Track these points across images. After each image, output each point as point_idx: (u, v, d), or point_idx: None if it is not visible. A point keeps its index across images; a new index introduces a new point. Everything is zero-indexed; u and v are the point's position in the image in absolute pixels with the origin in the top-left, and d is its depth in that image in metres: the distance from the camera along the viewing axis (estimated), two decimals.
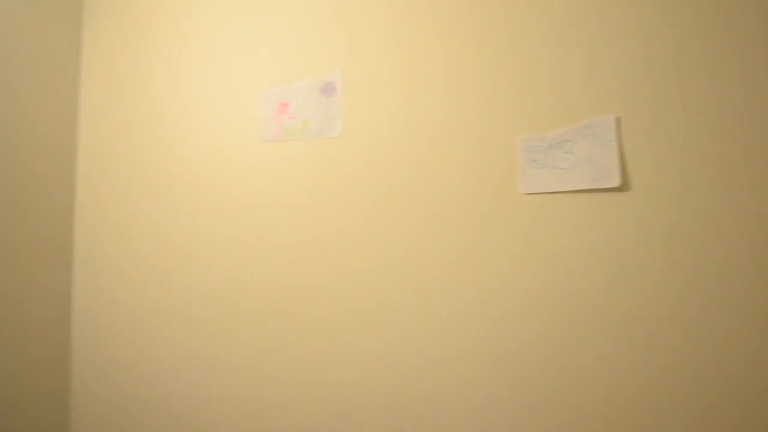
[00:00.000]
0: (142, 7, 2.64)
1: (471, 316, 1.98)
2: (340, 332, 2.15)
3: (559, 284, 1.88)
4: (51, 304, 2.50)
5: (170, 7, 2.58)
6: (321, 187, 2.24)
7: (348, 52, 2.25)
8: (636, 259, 1.80)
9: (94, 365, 2.56)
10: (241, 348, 2.31)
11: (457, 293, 2.00)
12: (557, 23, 1.94)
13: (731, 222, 1.70)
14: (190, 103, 2.49)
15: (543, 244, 1.91)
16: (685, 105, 1.77)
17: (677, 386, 1.74)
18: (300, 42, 2.33)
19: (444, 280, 2.02)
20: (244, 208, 2.35)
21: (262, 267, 2.29)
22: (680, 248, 1.74)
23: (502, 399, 1.93)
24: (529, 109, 1.95)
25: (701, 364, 1.71)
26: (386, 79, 2.17)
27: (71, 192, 2.62)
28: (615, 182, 1.82)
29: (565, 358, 1.86)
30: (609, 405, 1.80)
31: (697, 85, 1.76)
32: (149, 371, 2.45)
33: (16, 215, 2.36)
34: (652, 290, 1.78)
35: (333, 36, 2.28)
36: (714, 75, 1.75)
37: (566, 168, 1.89)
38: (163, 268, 2.47)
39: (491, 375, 1.94)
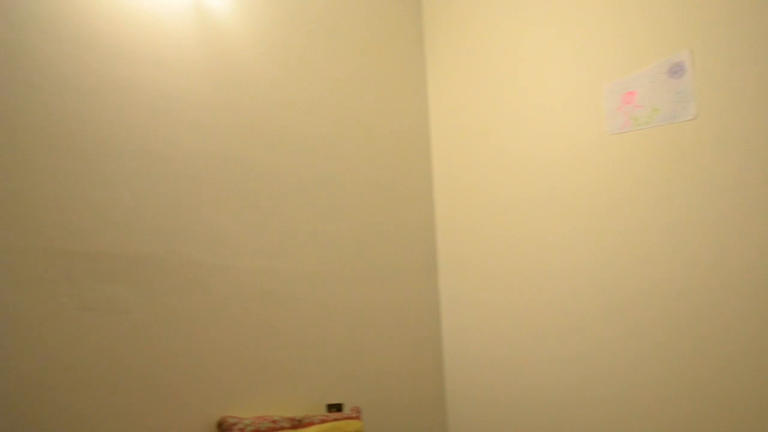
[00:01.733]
0: (476, 22, 2.81)
1: None
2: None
3: None
4: (423, 312, 2.80)
5: (502, 21, 2.71)
6: (673, 176, 2.14)
7: (697, 29, 2.09)
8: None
9: (464, 368, 2.76)
10: (612, 348, 2.30)
11: None
12: None
13: None
14: (532, 108, 2.58)
15: None
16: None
17: None
18: (639, 27, 2.26)
19: None
20: (590, 204, 2.36)
21: (615, 264, 2.28)
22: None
23: None
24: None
25: None
26: (743, 53, 1.96)
27: (431, 203, 2.92)
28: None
29: None
30: None
31: None
32: (519, 373, 2.56)
33: (382, 230, 2.70)
34: None
35: (676, 15, 2.14)
36: None
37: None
38: (521, 271, 2.58)
39: None
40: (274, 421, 2.11)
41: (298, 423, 2.16)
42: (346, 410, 2.39)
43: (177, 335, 2.06)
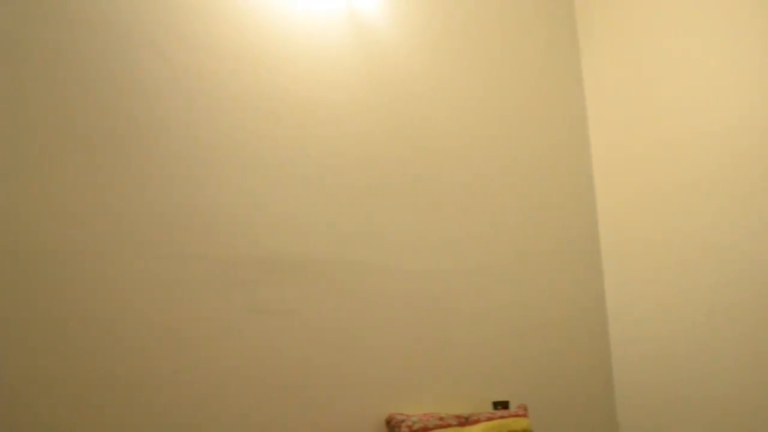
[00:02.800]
0: (635, 6, 2.68)
1: None
2: None
3: None
4: (585, 305, 2.69)
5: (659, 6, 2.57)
6: None
7: None
8: None
9: (634, 364, 2.64)
10: None
11: None
12: None
13: None
14: (698, 86, 2.45)
15: None
16: None
17: None
18: None
19: None
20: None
21: None
22: None
23: None
24: None
25: None
26: None
27: (591, 193, 2.81)
28: None
29: None
30: None
31: None
32: (692, 365, 2.42)
33: (540, 222, 2.63)
34: None
35: None
36: None
37: None
38: (693, 260, 2.44)
39: None
40: (441, 419, 2.09)
41: (465, 420, 2.13)
42: (512, 408, 2.33)
43: (341, 336, 2.11)
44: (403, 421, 2.04)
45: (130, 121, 1.87)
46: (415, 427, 2.03)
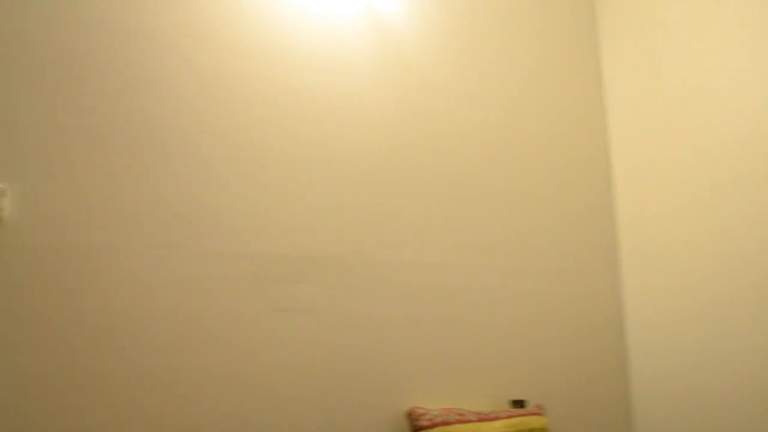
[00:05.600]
0: (655, 10, 2.69)
1: None
2: None
3: None
4: (602, 304, 2.69)
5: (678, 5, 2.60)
6: None
7: None
8: None
9: (651, 364, 2.61)
10: None
11: None
12: None
13: None
14: (721, 83, 2.44)
15: None
16: None
17: None
18: None
19: None
20: None
21: None
22: None
23: None
24: None
25: None
26: None
27: (609, 192, 2.81)
28: None
29: None
30: None
31: None
32: (710, 366, 2.39)
33: (558, 220, 2.64)
34: None
35: None
36: None
37: None
38: (712, 258, 2.41)
39: None
40: (460, 414, 2.09)
41: (485, 417, 2.13)
42: (529, 406, 2.32)
43: (363, 331, 2.13)
44: (423, 414, 2.04)
45: (154, 124, 1.93)
46: (436, 420, 2.03)
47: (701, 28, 2.51)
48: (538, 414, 2.24)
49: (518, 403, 2.32)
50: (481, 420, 2.11)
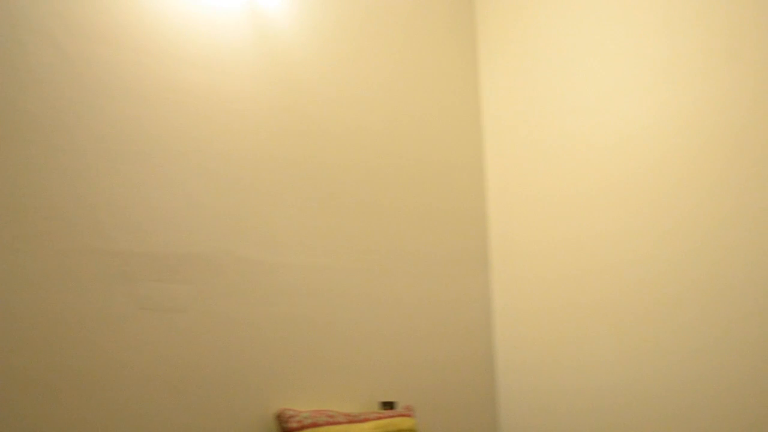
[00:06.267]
0: (532, 10, 2.81)
1: None
2: None
3: None
4: (472, 308, 2.78)
5: (559, 5, 2.71)
6: (731, 163, 2.17)
7: None
8: None
9: (517, 363, 2.73)
10: (673, 344, 2.27)
11: None
12: None
13: None
14: (590, 94, 2.57)
15: None
16: None
17: None
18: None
19: None
20: (653, 193, 2.35)
21: (677, 257, 2.27)
22: None
23: None
24: None
25: None
26: None
27: (482, 197, 2.90)
28: None
29: None
30: None
31: None
32: (576, 371, 2.52)
33: (430, 225, 2.70)
34: None
35: None
36: None
37: None
38: (580, 264, 2.54)
39: None
40: (330, 416, 2.11)
41: (354, 418, 2.16)
42: (399, 408, 2.38)
43: (232, 332, 2.10)
44: (293, 416, 2.05)
45: (18, 111, 1.82)
46: (306, 422, 2.04)
47: (576, 40, 2.64)
48: (407, 415, 2.30)
49: (388, 405, 2.37)
50: (350, 422, 2.13)
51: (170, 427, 1.92)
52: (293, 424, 2.03)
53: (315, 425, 2.05)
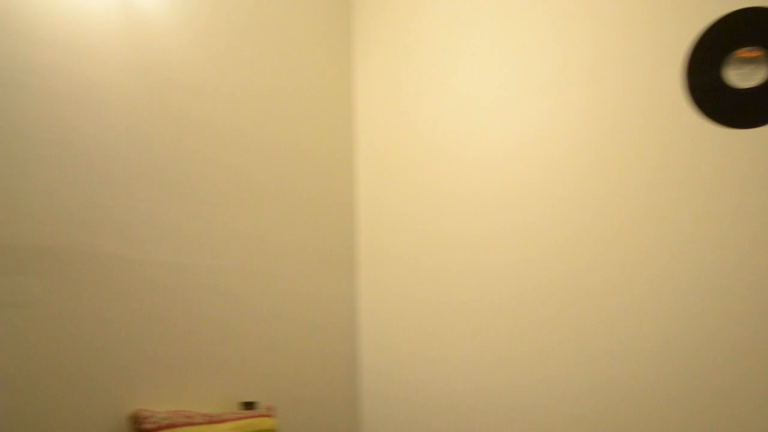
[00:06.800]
0: (409, 18, 2.84)
1: None
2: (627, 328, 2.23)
3: None
4: (337, 309, 2.83)
5: (436, 16, 2.75)
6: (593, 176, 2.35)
7: None
8: None
9: (380, 364, 2.80)
10: (525, 347, 2.41)
11: None
12: None
13: None
14: (463, 104, 2.64)
15: None
16: None
17: None
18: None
19: None
20: (519, 203, 2.46)
21: (534, 265, 2.41)
22: None
23: None
24: None
25: None
26: None
27: (351, 199, 2.95)
28: None
29: None
30: None
31: None
32: (437, 374, 2.62)
33: (300, 225, 2.71)
34: None
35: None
36: None
37: None
38: (445, 269, 2.64)
39: None
40: (188, 416, 2.07)
41: (213, 419, 2.13)
42: (260, 408, 2.37)
43: (85, 329, 1.99)
44: (148, 417, 1.98)
45: None
46: (162, 423, 1.98)
47: (452, 42, 2.69)
48: (268, 416, 2.29)
49: (249, 405, 2.35)
50: (209, 422, 2.10)
51: (14, 428, 1.79)
52: (149, 425, 1.96)
53: (172, 426, 2.00)
